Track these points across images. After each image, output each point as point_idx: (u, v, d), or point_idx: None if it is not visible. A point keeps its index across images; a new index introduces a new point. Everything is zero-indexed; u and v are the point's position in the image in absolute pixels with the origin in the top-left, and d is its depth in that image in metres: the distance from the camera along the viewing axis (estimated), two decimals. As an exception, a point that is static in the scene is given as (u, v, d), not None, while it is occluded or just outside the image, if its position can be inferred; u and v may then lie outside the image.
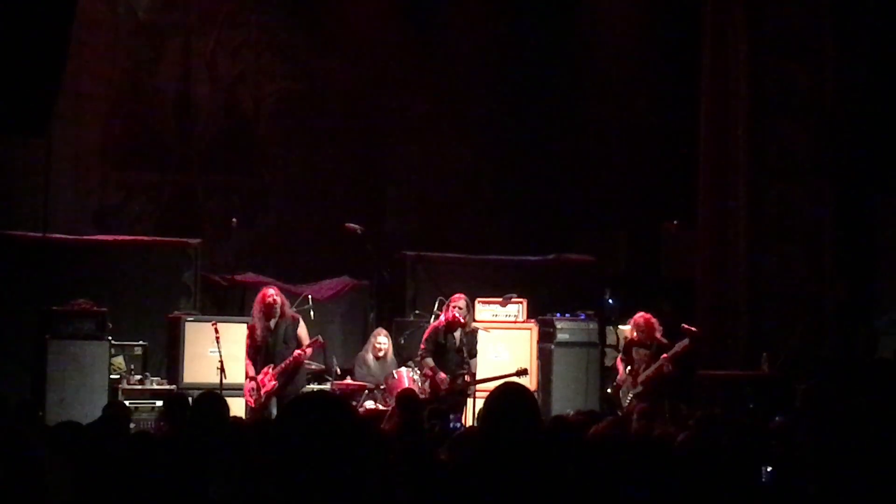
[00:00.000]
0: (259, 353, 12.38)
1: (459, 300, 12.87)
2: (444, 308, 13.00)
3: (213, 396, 7.40)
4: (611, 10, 17.14)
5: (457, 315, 12.75)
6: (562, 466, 5.41)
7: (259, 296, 12.57)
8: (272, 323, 12.40)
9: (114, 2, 16.30)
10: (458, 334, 12.84)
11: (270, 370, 12.28)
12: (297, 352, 12.31)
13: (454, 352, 12.81)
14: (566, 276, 16.07)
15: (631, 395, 13.05)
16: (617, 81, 17.11)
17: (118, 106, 16.39)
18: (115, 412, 8.79)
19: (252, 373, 12.34)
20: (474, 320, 13.17)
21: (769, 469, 7.31)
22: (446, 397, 12.49)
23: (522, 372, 12.64)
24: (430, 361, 12.74)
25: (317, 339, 12.50)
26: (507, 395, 4.48)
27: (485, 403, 4.57)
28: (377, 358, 13.91)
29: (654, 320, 13.21)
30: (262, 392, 12.24)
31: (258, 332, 12.40)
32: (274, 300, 12.40)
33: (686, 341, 13.01)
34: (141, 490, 5.17)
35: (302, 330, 12.50)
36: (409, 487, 6.10)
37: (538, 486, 4.30)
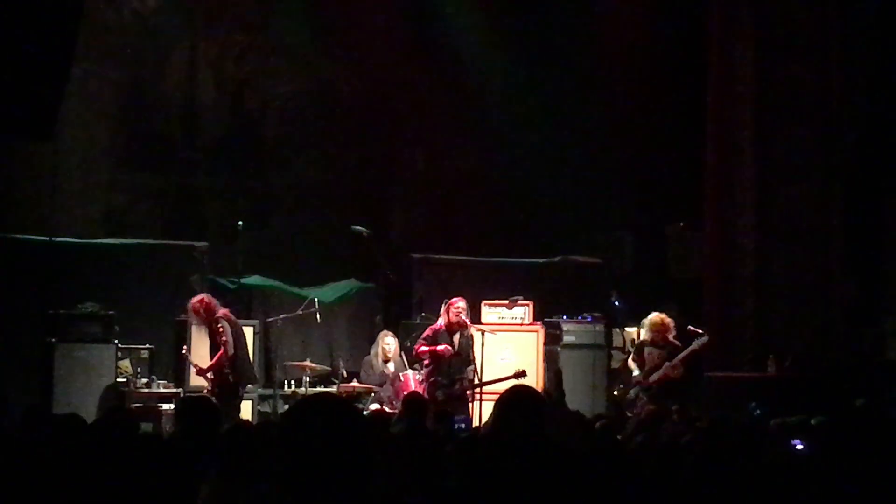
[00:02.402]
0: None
1: (460, 302, 12.82)
2: (444, 311, 12.90)
3: (204, 402, 7.40)
4: (617, 13, 17.11)
5: (462, 318, 12.73)
6: (569, 468, 5.39)
7: None
8: (204, 326, 12.56)
9: (120, 5, 16.31)
10: (457, 338, 12.80)
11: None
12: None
13: (454, 356, 12.78)
14: (572, 278, 16.07)
15: (640, 395, 13.04)
16: (623, 83, 17.09)
17: (125, 109, 16.41)
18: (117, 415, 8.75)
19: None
20: (472, 324, 13.12)
21: (800, 445, 7.34)
22: (449, 398, 12.47)
23: (521, 374, 12.59)
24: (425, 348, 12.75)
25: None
26: (518, 398, 4.47)
27: (495, 406, 4.56)
28: (384, 360, 13.90)
29: (668, 321, 13.22)
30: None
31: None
32: (193, 307, 12.51)
33: (704, 339, 13.02)
34: (127, 493, 5.16)
35: (217, 334, 12.41)
36: (416, 490, 6.09)
37: (546, 488, 4.29)
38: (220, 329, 12.34)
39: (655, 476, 6.03)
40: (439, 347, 12.62)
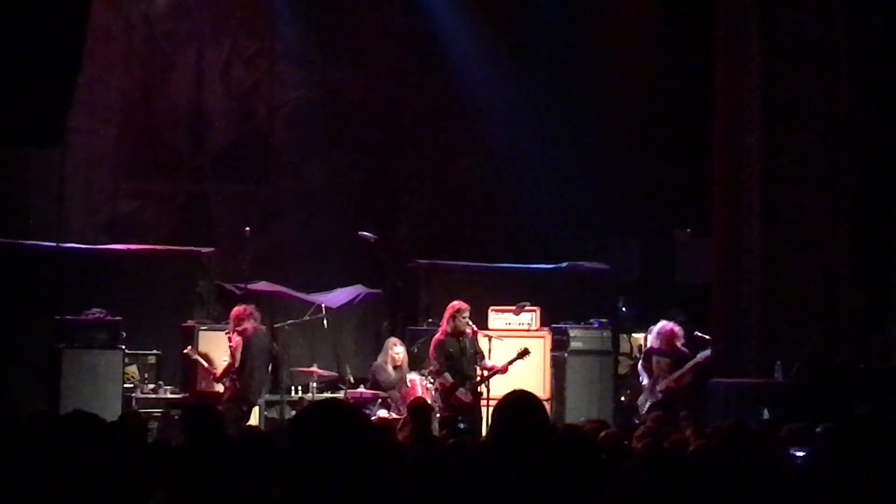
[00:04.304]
0: None
1: (466, 311, 12.76)
2: (448, 316, 12.82)
3: (207, 408, 7.40)
4: (624, 19, 17.13)
5: (470, 325, 12.72)
6: (574, 475, 5.39)
7: None
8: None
9: (127, 11, 16.33)
10: (463, 339, 12.76)
11: None
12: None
13: (468, 356, 12.74)
14: (579, 284, 16.05)
15: (649, 404, 13.06)
16: (630, 89, 17.09)
17: (132, 116, 16.43)
18: (130, 422, 8.77)
19: None
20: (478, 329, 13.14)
21: (801, 453, 7.32)
22: (464, 411, 12.46)
23: (524, 353, 12.65)
24: (448, 377, 12.61)
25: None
26: (517, 404, 4.46)
27: (493, 412, 4.54)
28: (394, 367, 13.89)
29: (677, 330, 13.27)
30: None
31: None
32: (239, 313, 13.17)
33: (709, 352, 13.13)
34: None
35: (231, 347, 13.01)
36: (421, 496, 6.08)
37: (549, 495, 4.29)
38: (232, 342, 12.83)
39: (660, 482, 6.02)
40: (459, 394, 12.61)
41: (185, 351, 13.22)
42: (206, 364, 13.22)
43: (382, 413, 13.19)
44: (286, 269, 16.09)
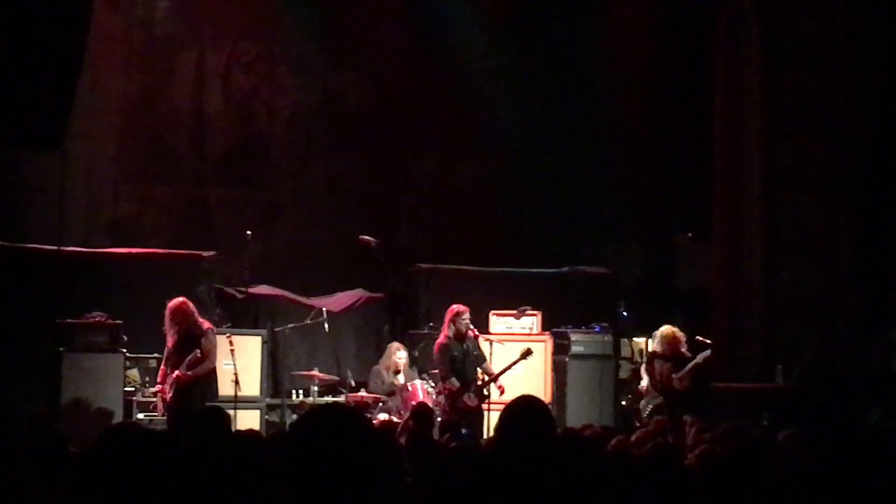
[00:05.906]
0: (168, 360, 12.20)
1: (467, 313, 12.78)
2: (449, 320, 12.82)
3: (215, 411, 7.37)
4: (624, 23, 17.14)
5: (471, 328, 12.73)
6: (574, 480, 5.39)
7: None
8: (176, 331, 12.11)
9: (128, 16, 16.33)
10: (466, 342, 12.78)
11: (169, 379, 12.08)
12: (176, 372, 11.99)
13: (471, 359, 12.77)
14: (580, 288, 16.06)
15: (651, 407, 13.07)
16: (631, 93, 17.09)
17: (132, 119, 16.42)
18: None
19: (159, 378, 12.28)
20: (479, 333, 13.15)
21: (798, 455, 7.31)
22: (470, 416, 12.50)
23: (527, 353, 12.68)
24: (455, 382, 12.61)
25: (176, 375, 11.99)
26: (523, 409, 4.46)
27: (501, 416, 4.55)
28: (395, 371, 13.90)
29: (679, 334, 13.28)
30: (164, 398, 12.12)
31: (168, 338, 12.26)
32: (174, 308, 12.16)
33: (707, 352, 13.16)
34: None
35: (206, 342, 12.01)
36: (421, 499, 6.08)
37: (551, 498, 4.29)
38: (211, 341, 12.12)
39: (661, 487, 6.02)
40: (465, 399, 12.61)
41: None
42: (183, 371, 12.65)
43: (383, 417, 13.20)
44: (287, 273, 16.09)
